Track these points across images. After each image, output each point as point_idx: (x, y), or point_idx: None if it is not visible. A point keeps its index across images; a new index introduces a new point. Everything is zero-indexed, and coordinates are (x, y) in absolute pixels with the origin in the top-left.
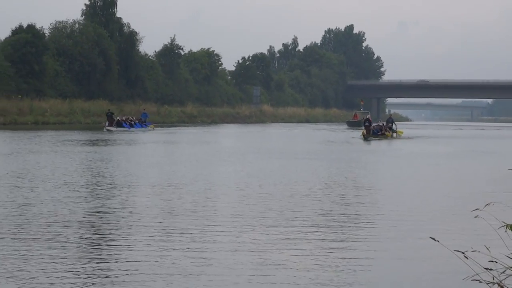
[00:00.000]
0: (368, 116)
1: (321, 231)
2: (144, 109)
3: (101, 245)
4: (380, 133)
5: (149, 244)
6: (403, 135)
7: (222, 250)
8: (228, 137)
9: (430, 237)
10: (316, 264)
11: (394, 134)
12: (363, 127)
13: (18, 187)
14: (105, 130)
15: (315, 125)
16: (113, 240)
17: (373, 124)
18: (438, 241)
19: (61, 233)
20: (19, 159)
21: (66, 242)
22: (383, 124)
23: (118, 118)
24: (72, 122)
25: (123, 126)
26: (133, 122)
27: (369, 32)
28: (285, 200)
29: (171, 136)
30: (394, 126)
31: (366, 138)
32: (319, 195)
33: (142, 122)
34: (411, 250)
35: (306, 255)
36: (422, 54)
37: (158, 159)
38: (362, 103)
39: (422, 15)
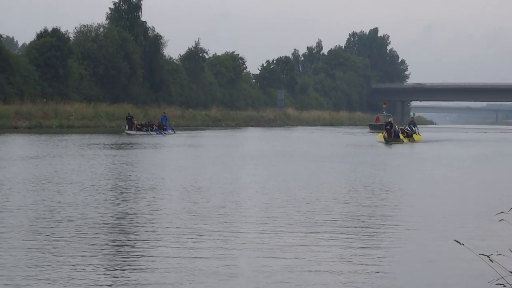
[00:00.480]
0: (390, 119)
1: (348, 234)
2: (165, 112)
3: (130, 249)
4: (407, 134)
5: (177, 247)
6: (422, 139)
7: (250, 253)
8: (253, 140)
9: (455, 240)
10: (344, 268)
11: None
12: (384, 130)
13: (45, 190)
14: (125, 133)
15: (338, 128)
16: (141, 243)
17: (397, 126)
18: (463, 244)
19: (90, 237)
20: (45, 162)
21: (94, 245)
22: (404, 127)
23: (137, 123)
24: (97, 125)
25: (142, 131)
26: (155, 127)
27: (395, 36)
28: (312, 203)
29: (196, 140)
30: (416, 129)
31: (387, 141)
32: (346, 198)
33: (162, 126)
34: (436, 253)
35: (334, 260)
36: (448, 57)
37: (183, 162)
38: (384, 106)
39: (448, 18)
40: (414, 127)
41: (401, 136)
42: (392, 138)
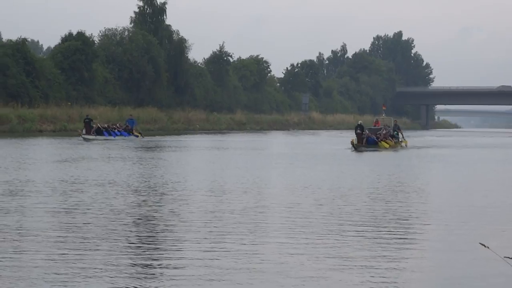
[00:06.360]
0: (360, 122)
1: (371, 236)
2: (131, 115)
3: (155, 250)
4: (397, 139)
5: (200, 249)
6: (407, 145)
7: (273, 255)
8: (277, 144)
9: (480, 243)
10: (367, 268)
11: (403, 144)
12: (355, 135)
13: (73, 191)
14: (81, 138)
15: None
16: (166, 245)
17: (366, 130)
18: (488, 247)
19: (114, 238)
20: (72, 165)
21: (118, 246)
22: (385, 132)
23: (98, 125)
24: None
25: (103, 134)
26: (116, 130)
27: (426, 38)
28: (335, 205)
29: (220, 143)
30: (400, 135)
31: (356, 148)
32: (367, 200)
33: (129, 129)
34: (461, 256)
35: (358, 263)
36: (480, 60)
37: (208, 165)
38: (384, 108)
39: (482, 21)
40: (397, 132)
41: (383, 143)
42: (363, 144)
